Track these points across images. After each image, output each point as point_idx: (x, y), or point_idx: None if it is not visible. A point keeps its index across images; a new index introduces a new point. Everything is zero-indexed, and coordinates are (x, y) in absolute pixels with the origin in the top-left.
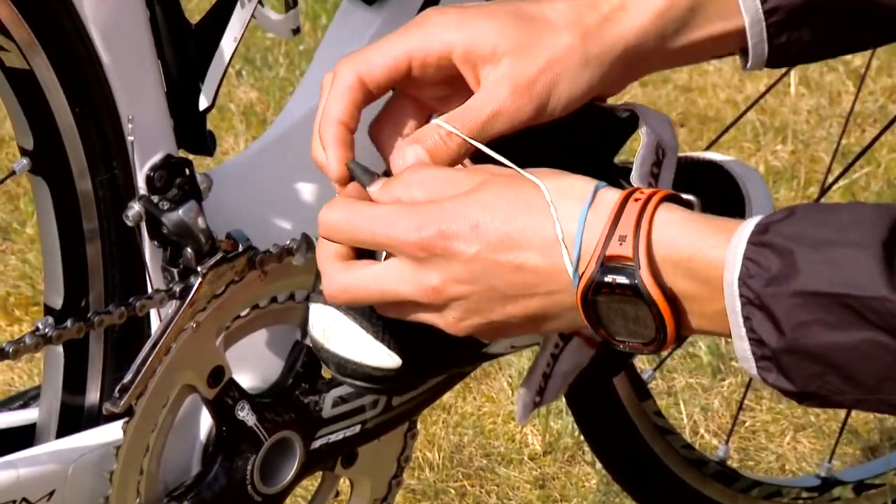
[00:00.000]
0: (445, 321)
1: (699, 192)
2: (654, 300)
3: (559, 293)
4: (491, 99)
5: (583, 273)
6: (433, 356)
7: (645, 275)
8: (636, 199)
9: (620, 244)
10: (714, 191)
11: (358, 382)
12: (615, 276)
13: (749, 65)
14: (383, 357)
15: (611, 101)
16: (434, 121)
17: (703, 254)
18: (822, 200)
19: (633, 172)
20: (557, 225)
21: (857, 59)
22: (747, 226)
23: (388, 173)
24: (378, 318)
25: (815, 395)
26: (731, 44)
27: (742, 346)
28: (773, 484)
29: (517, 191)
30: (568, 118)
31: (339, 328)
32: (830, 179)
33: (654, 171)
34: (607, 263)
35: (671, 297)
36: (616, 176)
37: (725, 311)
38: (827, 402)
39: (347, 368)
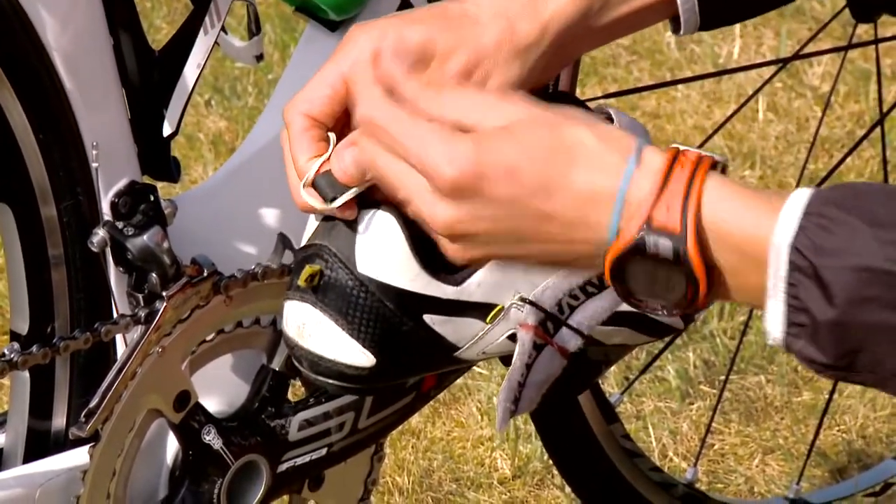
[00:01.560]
0: (449, 248)
1: None
2: (696, 274)
3: (582, 243)
4: None
5: (619, 234)
6: (406, 356)
7: (691, 248)
8: (682, 165)
9: (667, 212)
10: None
11: (331, 381)
12: (658, 243)
13: (682, 31)
14: (357, 355)
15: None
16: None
17: (751, 227)
18: None
19: None
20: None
21: (825, 85)
22: (802, 194)
23: None
24: (354, 314)
25: (840, 370)
26: (660, 12)
27: (776, 308)
28: None
29: (558, 137)
30: None
31: (315, 325)
32: None
33: None
34: (652, 230)
35: (711, 270)
36: None
37: (763, 285)
38: (848, 377)
39: (321, 366)
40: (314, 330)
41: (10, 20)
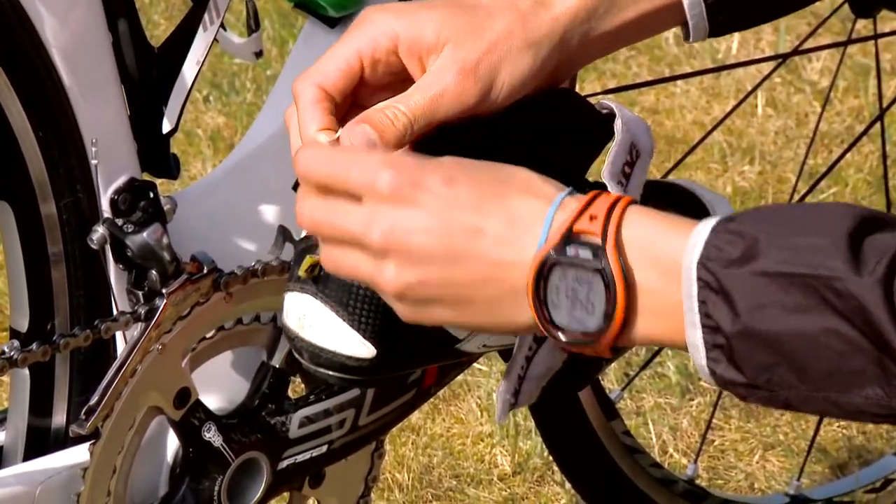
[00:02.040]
0: (383, 277)
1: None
2: (614, 278)
3: (509, 267)
4: (435, 82)
5: (543, 245)
6: (407, 348)
7: (610, 251)
8: (607, 196)
9: (590, 221)
10: (682, 214)
11: (331, 373)
12: (578, 249)
13: (692, 37)
14: (358, 346)
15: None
16: (380, 104)
17: (669, 246)
18: None
19: (605, 168)
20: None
21: (824, 80)
22: (714, 217)
23: None
24: (355, 305)
25: (762, 389)
26: (669, 19)
27: (694, 334)
28: (742, 502)
29: (498, 170)
30: (547, 110)
31: (316, 316)
32: (796, 199)
33: (626, 171)
34: (572, 238)
35: (629, 282)
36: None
37: (680, 306)
38: (773, 398)
39: (321, 357)
40: (315, 321)
41: (8, 17)
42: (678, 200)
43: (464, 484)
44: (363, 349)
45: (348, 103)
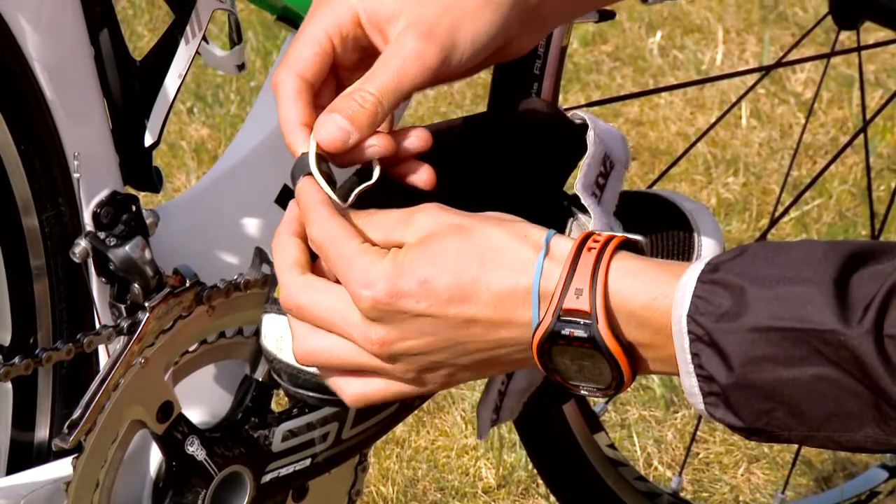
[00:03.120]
0: (393, 369)
1: (648, 224)
2: (613, 353)
3: (513, 342)
4: (397, 50)
5: (538, 325)
6: None
7: (602, 328)
8: (590, 249)
9: (577, 297)
10: (663, 224)
11: (310, 393)
12: (572, 330)
13: None
14: None
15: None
16: (348, 89)
17: (658, 302)
18: (773, 231)
19: (577, 181)
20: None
21: (808, 92)
22: (697, 266)
23: (359, 172)
24: None
25: (763, 431)
26: None
27: (689, 382)
28: None
29: (467, 243)
30: (524, 123)
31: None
32: (780, 211)
33: (601, 182)
34: (564, 316)
35: (628, 348)
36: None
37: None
38: (774, 437)
39: (300, 379)
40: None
41: None
42: (659, 211)
43: (448, 497)
44: None
45: (329, 85)
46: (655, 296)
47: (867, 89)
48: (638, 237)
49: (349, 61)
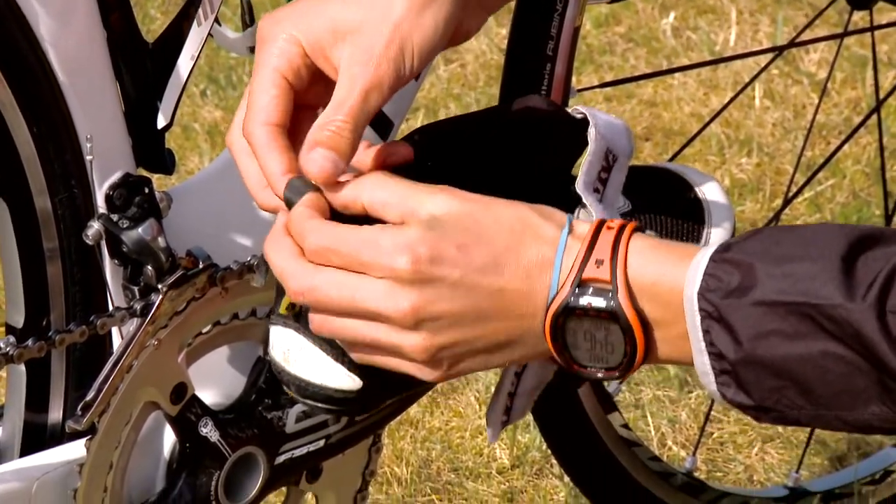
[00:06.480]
0: (410, 344)
1: (657, 200)
2: (631, 323)
3: (531, 317)
4: (352, 79)
5: (556, 295)
6: (393, 376)
7: (622, 298)
8: (609, 228)
9: (597, 267)
10: (672, 199)
11: (319, 404)
12: (591, 299)
13: None
14: (344, 379)
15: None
16: (320, 118)
17: (668, 277)
18: (786, 212)
19: (578, 180)
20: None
21: (822, 72)
22: (711, 246)
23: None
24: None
25: (773, 410)
26: None
27: (702, 360)
28: (741, 495)
29: (497, 214)
30: (525, 123)
31: (300, 350)
32: (794, 191)
33: (603, 177)
34: (583, 286)
35: (644, 322)
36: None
37: (687, 335)
38: (784, 417)
39: (308, 391)
40: (299, 355)
41: (3, 13)
42: (668, 186)
43: (462, 477)
44: (349, 381)
45: (299, 118)
46: (666, 271)
47: (880, 69)
48: (649, 232)
49: (305, 86)
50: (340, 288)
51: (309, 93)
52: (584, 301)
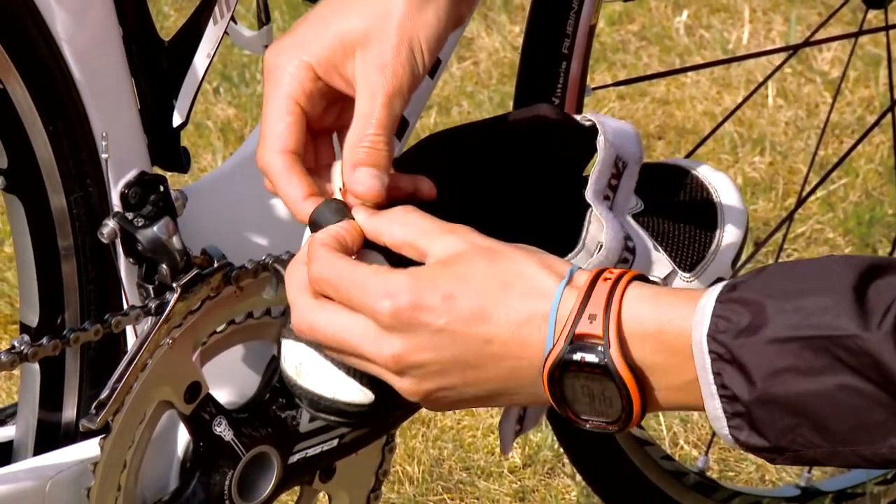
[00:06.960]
0: (402, 384)
1: (669, 199)
2: (623, 379)
3: (522, 368)
4: (372, 90)
5: (551, 350)
6: None
7: (615, 354)
8: (605, 279)
9: (591, 322)
10: (685, 197)
11: (332, 418)
12: (584, 355)
13: None
14: (356, 393)
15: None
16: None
17: (674, 324)
18: (799, 211)
19: (588, 189)
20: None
21: (835, 71)
22: (715, 288)
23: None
24: None
25: (787, 450)
26: None
27: (713, 405)
28: (753, 494)
29: (493, 265)
30: (533, 132)
31: (312, 364)
32: (807, 190)
33: (613, 184)
34: (576, 341)
35: (640, 376)
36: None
37: (696, 380)
38: (800, 457)
39: (321, 404)
40: (311, 369)
41: (19, 11)
42: (681, 183)
43: (474, 476)
44: (361, 395)
45: (314, 144)
46: (671, 317)
47: (895, 68)
48: (655, 278)
49: (319, 113)
50: (335, 330)
51: (322, 118)
52: (578, 356)
